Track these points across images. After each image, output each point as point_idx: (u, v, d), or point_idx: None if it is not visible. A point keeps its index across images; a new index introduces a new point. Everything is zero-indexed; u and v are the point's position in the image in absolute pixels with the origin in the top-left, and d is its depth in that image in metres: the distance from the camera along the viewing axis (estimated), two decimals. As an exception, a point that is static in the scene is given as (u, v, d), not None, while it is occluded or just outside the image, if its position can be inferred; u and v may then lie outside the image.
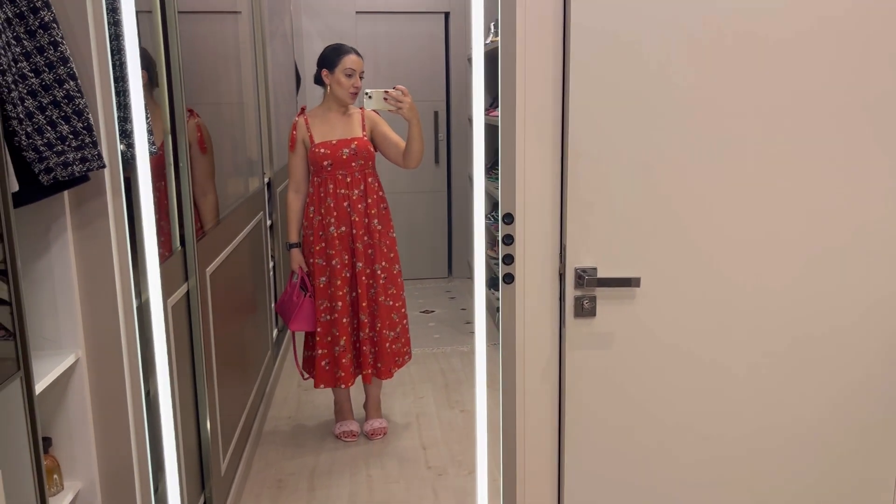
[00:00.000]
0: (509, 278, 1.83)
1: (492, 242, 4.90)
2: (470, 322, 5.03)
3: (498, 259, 1.83)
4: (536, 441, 1.91)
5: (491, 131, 4.46)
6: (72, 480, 1.79)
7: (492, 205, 4.96)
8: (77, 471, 1.79)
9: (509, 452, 1.91)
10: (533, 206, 1.80)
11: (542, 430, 1.90)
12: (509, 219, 1.80)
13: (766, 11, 1.71)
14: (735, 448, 1.92)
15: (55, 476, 1.72)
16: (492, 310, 4.78)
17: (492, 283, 4.95)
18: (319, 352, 3.22)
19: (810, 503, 1.96)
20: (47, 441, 1.76)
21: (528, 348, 1.86)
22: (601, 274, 1.81)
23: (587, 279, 1.78)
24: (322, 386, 3.26)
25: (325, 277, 3.18)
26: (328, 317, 3.20)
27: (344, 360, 3.20)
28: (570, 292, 1.82)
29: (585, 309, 1.82)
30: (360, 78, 3.14)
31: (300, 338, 3.70)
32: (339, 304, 3.17)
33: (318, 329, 3.21)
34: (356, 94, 3.14)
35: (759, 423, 1.91)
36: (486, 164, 1.84)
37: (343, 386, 3.25)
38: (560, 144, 1.77)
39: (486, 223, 4.73)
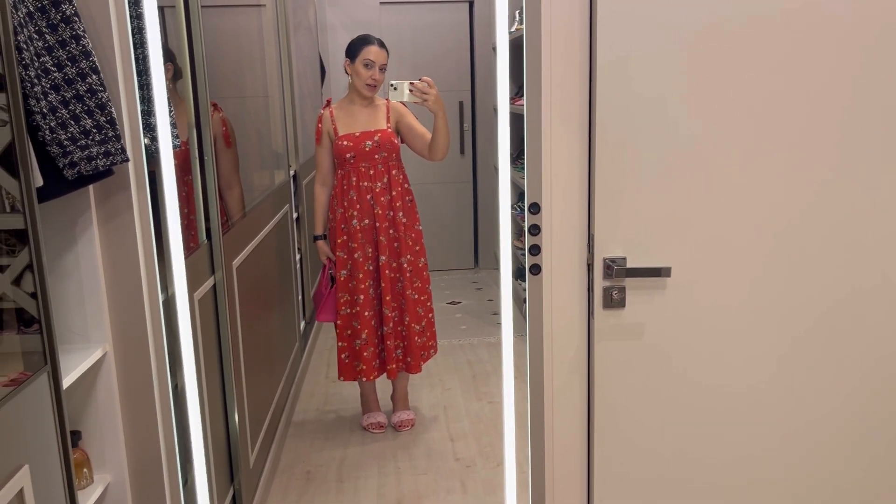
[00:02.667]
0: (536, 269, 1.80)
1: (518, 233, 4.87)
2: (497, 313, 5.00)
3: (525, 249, 1.81)
4: (565, 433, 1.88)
5: (517, 120, 4.41)
6: (101, 473, 1.80)
7: (518, 195, 4.93)
8: (106, 464, 1.80)
9: (537, 444, 1.89)
10: (560, 195, 1.77)
11: (570, 422, 1.88)
12: (536, 208, 1.77)
13: (800, -9, 1.66)
14: (769, 440, 1.88)
15: (85, 469, 1.74)
16: (519, 301, 4.75)
17: (519, 274, 4.91)
18: (340, 344, 3.23)
19: (847, 497, 1.92)
20: (77, 435, 1.77)
21: (555, 340, 1.83)
22: (630, 264, 1.77)
23: (616, 269, 1.75)
24: (342, 378, 3.26)
25: (345, 270, 3.17)
26: (348, 310, 3.19)
27: (365, 354, 3.19)
28: (599, 283, 1.79)
29: (614, 300, 1.78)
30: (382, 71, 3.08)
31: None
32: (361, 297, 3.15)
33: (338, 322, 3.21)
34: (374, 86, 3.09)
35: (794, 415, 1.86)
36: (512, 154, 1.81)
37: (365, 379, 3.25)
38: (587, 132, 1.74)
39: (512, 213, 4.70)
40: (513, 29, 4.53)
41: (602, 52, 1.67)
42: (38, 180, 1.41)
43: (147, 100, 1.76)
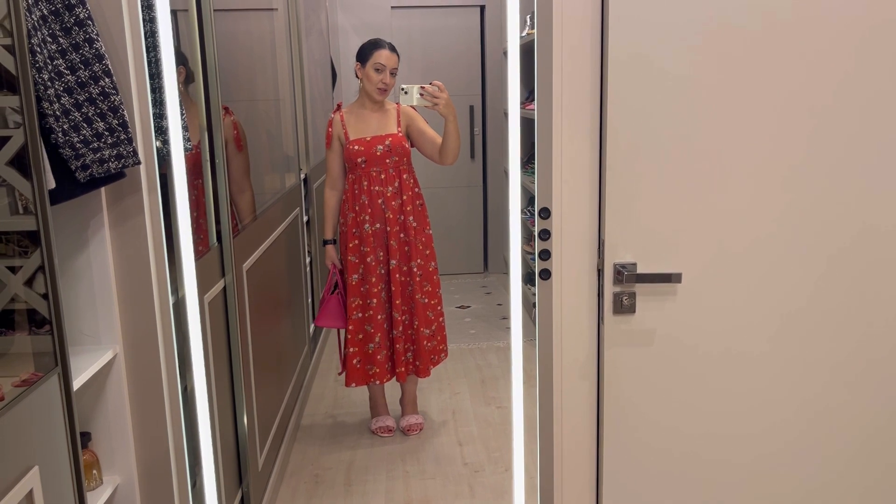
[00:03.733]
0: (546, 274, 1.79)
1: (528, 237, 4.87)
2: (506, 317, 5.00)
3: (534, 254, 1.80)
4: (574, 439, 1.87)
5: (527, 125, 4.41)
6: (111, 475, 1.81)
7: (528, 199, 4.92)
8: (116, 465, 1.81)
9: (546, 450, 1.88)
10: (570, 200, 1.76)
11: (580, 428, 1.87)
12: (546, 213, 1.77)
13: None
14: (782, 449, 1.87)
15: (94, 471, 1.74)
16: (528, 305, 4.75)
17: (528, 279, 4.91)
18: (351, 350, 3.22)
19: (859, 506, 1.90)
20: (87, 436, 1.77)
21: (565, 345, 1.82)
22: (641, 269, 1.76)
23: (626, 275, 1.74)
24: (353, 385, 3.24)
25: (357, 275, 3.17)
26: (360, 314, 3.19)
27: (379, 357, 3.20)
28: (609, 288, 1.78)
29: (625, 305, 1.78)
30: (392, 75, 3.09)
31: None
32: (374, 300, 3.16)
33: (350, 327, 3.20)
34: (384, 90, 3.10)
35: (809, 419, 1.85)
36: (522, 158, 1.81)
37: (378, 382, 3.25)
38: (598, 137, 1.74)
39: (522, 218, 4.70)
40: (524, 33, 4.53)
41: (614, 57, 1.67)
42: (51, 182, 1.42)
43: (159, 103, 1.77)
